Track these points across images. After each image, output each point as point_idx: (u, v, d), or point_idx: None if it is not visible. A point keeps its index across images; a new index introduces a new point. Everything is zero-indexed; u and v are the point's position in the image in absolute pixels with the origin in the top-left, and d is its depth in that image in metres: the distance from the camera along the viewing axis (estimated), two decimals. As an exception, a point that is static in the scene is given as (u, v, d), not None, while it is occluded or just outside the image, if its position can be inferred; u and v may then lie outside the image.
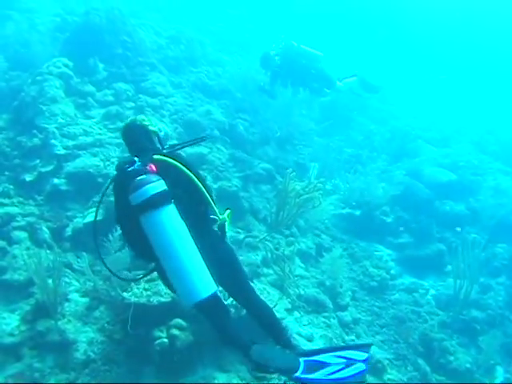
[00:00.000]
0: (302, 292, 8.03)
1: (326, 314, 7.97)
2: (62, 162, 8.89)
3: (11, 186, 8.48)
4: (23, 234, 7.64)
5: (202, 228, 4.99)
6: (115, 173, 5.14)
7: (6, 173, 8.81)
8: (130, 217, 4.72)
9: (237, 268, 5.38)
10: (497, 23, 31.07)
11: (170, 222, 4.59)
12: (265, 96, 12.40)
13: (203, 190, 4.97)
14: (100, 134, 9.82)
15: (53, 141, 9.17)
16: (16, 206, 8.14)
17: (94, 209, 8.10)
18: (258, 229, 9.21)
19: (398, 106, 18.69)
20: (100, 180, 8.70)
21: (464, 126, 17.53)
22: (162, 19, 17.20)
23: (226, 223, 5.20)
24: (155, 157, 4.94)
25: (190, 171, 4.98)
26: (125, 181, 4.74)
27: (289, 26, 21.26)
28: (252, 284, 6.09)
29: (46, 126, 9.44)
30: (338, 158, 12.66)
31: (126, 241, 5.53)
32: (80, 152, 9.15)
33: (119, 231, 6.55)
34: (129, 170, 4.79)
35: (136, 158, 4.88)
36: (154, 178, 4.64)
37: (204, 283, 4.62)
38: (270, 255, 8.30)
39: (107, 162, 9.06)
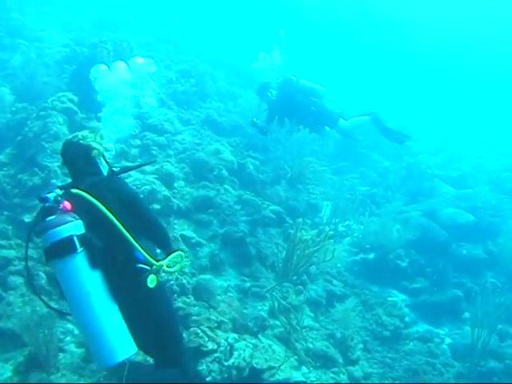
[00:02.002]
0: (311, 345, 7.61)
1: (335, 370, 7.53)
2: (62, 204, 8.48)
3: (10, 227, 8.16)
4: (19, 280, 7.32)
5: (122, 280, 4.09)
6: None
7: (5, 212, 8.51)
8: None
9: (162, 334, 4.43)
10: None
11: (76, 275, 3.86)
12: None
13: (124, 233, 3.98)
14: (104, 173, 9.45)
15: (54, 181, 8.80)
16: (14, 248, 7.82)
17: None
18: (265, 276, 8.83)
19: (413, 141, 18.20)
20: None
21: (480, 163, 17.08)
22: (174, 51, 16.91)
23: (167, 270, 4.30)
24: (73, 191, 4.05)
25: (125, 206, 4.22)
26: (37, 220, 4.01)
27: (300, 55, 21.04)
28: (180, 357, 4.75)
29: (47, 164, 9.10)
30: (352, 198, 12.17)
31: None
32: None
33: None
34: (45, 206, 3.99)
35: (54, 192, 4.03)
36: (63, 219, 3.89)
37: (119, 346, 3.95)
38: (277, 305, 7.87)
39: None
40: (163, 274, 4.37)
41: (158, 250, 4.56)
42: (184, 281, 7.45)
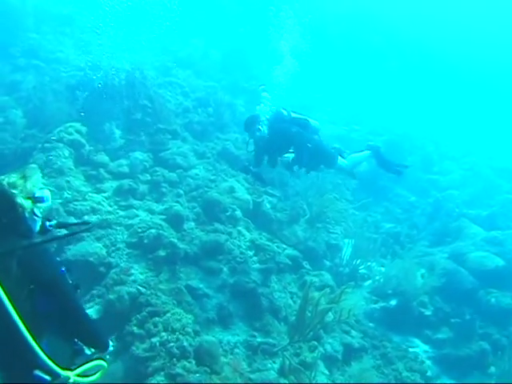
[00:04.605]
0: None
1: None
2: (62, 245, 8.02)
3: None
4: None
5: None
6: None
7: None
8: None
9: None
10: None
11: None
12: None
13: (20, 328, 2.91)
14: (109, 212, 9.04)
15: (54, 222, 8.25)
16: (9, 293, 7.24)
17: (92, 304, 7.39)
18: (277, 330, 8.20)
19: (440, 174, 17.61)
20: (102, 269, 7.94)
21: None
22: (194, 75, 16.42)
23: (77, 382, 3.18)
24: None
25: (39, 290, 3.09)
26: None
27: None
28: None
29: (49, 200, 8.54)
30: (374, 238, 11.53)
31: None
32: (84, 234, 8.28)
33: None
34: None
35: None
36: None
37: None
38: (288, 363, 7.29)
39: (112, 248, 8.29)
40: None
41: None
42: (185, 343, 6.81)
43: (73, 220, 8.20)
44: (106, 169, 9.96)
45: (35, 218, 3.33)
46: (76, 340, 3.36)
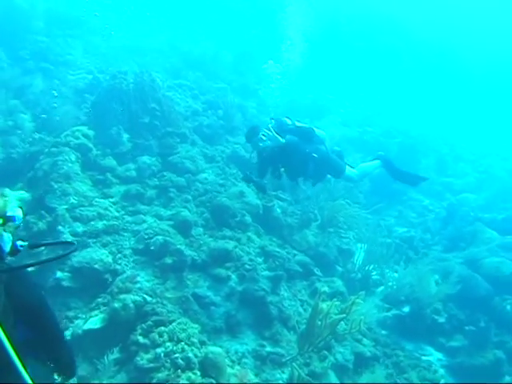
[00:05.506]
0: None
1: None
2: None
3: (11, 276, 7.52)
4: None
5: None
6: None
7: (8, 257, 7.84)
8: None
9: None
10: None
11: None
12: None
13: (10, 353, 2.69)
14: (116, 217, 8.91)
15: (60, 227, 8.25)
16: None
17: (97, 312, 7.34)
18: (286, 339, 7.97)
19: (454, 176, 17.38)
20: (107, 276, 7.82)
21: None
22: (204, 77, 16.29)
23: None
24: None
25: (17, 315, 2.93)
26: None
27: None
28: None
29: (55, 206, 8.52)
30: (387, 243, 11.27)
31: None
32: (90, 240, 8.27)
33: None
34: None
35: None
36: None
37: None
38: (297, 374, 7.07)
39: (118, 255, 8.17)
40: None
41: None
42: (190, 354, 6.62)
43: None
44: (113, 173, 9.82)
45: (4, 238, 3.18)
46: (49, 362, 3.25)
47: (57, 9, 16.50)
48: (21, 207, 3.23)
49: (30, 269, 3.08)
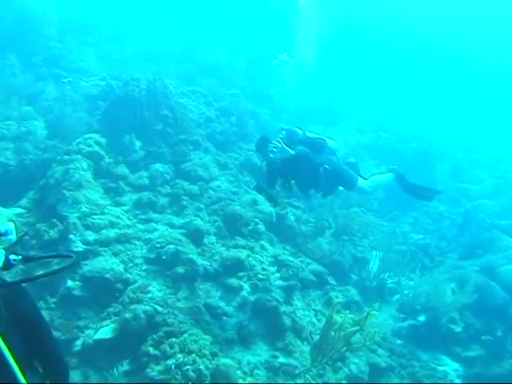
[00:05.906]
0: None
1: None
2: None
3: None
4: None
5: None
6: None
7: (20, 265, 7.78)
8: None
9: None
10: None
11: None
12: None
13: (12, 366, 2.70)
14: (128, 226, 8.85)
15: (71, 235, 8.19)
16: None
17: (108, 322, 7.25)
18: (299, 350, 7.84)
19: (470, 182, 17.18)
20: (118, 286, 7.75)
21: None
22: (218, 84, 16.21)
23: None
24: None
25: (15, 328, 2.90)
26: None
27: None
28: None
29: (67, 214, 8.46)
30: (403, 250, 11.12)
31: None
32: (101, 249, 8.20)
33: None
34: None
35: None
36: None
37: None
38: (310, 385, 6.92)
39: (130, 264, 8.12)
40: None
41: None
42: (202, 366, 6.52)
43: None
44: (125, 181, 9.79)
45: None
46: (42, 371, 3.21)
47: (69, 16, 16.54)
48: (12, 221, 3.19)
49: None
